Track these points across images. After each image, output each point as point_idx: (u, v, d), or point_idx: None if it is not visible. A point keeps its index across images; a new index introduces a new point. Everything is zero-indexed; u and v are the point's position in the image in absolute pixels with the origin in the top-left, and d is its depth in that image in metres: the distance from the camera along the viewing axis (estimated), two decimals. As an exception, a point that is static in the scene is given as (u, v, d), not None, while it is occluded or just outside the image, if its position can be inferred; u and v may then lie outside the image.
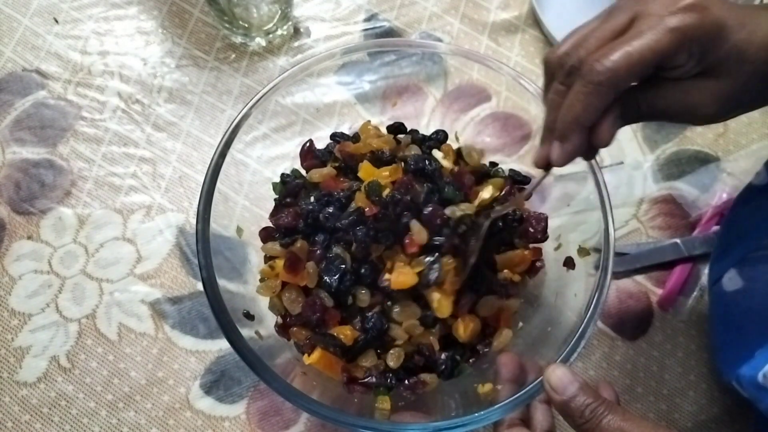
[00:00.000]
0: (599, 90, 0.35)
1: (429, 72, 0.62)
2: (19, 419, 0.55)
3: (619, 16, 0.37)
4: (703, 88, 0.37)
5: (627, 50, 0.34)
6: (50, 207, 0.62)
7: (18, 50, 0.68)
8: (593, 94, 0.35)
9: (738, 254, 0.48)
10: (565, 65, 0.37)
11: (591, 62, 0.35)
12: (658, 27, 0.34)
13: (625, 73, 0.34)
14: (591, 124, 0.37)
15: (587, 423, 0.37)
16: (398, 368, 0.48)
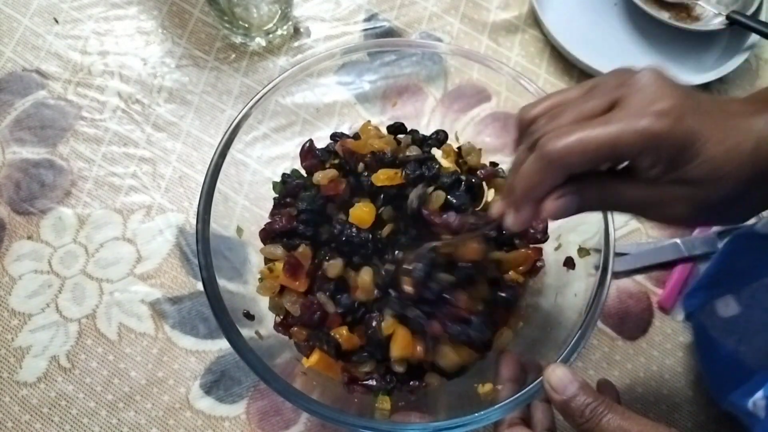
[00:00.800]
0: (549, 168, 0.34)
1: (429, 72, 0.62)
2: (19, 419, 0.55)
3: (599, 97, 0.34)
4: (675, 193, 0.34)
5: (585, 137, 0.32)
6: (50, 207, 0.62)
7: (18, 50, 0.68)
8: (543, 170, 0.34)
9: (734, 284, 0.46)
10: (532, 132, 0.36)
11: (547, 138, 0.33)
12: (626, 124, 0.32)
13: (578, 159, 0.33)
14: (540, 198, 0.35)
15: (587, 422, 0.37)
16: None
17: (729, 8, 0.70)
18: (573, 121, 0.34)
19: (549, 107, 0.36)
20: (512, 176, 0.37)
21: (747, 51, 0.69)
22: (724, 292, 0.47)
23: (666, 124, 0.32)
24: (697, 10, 0.72)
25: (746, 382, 0.41)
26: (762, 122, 0.33)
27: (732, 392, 0.43)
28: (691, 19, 0.72)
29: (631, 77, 0.34)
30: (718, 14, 0.70)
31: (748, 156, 0.32)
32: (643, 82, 0.33)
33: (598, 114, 0.34)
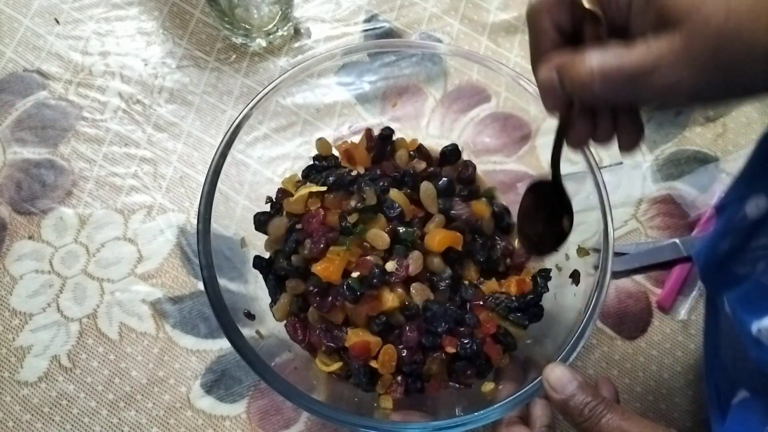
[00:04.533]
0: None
1: (429, 73, 0.62)
2: (20, 419, 0.55)
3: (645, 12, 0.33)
4: (663, 47, 0.31)
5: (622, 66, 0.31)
6: (51, 207, 0.62)
7: (19, 51, 0.68)
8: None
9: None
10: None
11: (583, 63, 0.33)
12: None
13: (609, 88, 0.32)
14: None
15: (586, 422, 0.37)
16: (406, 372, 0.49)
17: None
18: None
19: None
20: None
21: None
22: (758, 191, 0.42)
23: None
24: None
25: (757, 301, 0.39)
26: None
27: (727, 290, 0.41)
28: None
29: None
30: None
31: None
32: None
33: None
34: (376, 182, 0.51)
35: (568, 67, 0.33)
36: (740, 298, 0.41)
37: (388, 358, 0.48)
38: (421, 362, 0.48)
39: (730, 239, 0.43)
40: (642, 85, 0.31)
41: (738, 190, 0.43)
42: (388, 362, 0.47)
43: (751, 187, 0.42)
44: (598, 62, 0.31)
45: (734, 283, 0.42)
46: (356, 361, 0.47)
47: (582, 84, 0.32)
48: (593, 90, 0.32)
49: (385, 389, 0.49)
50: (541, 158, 0.58)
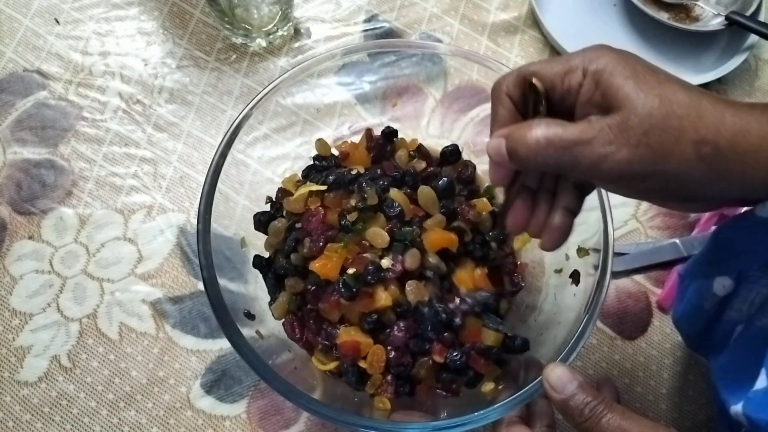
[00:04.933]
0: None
1: (429, 73, 0.62)
2: (21, 419, 0.55)
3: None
4: (602, 126, 0.35)
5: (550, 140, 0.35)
6: (51, 207, 0.62)
7: (19, 51, 0.68)
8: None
9: (731, 267, 0.46)
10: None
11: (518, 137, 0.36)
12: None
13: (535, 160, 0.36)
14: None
15: (587, 422, 0.37)
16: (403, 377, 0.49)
17: (728, 9, 0.70)
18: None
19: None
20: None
21: (746, 51, 0.69)
22: (722, 273, 0.45)
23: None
24: (696, 10, 0.72)
25: (733, 378, 0.41)
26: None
27: (718, 380, 0.42)
28: (690, 20, 0.72)
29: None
30: (717, 15, 0.70)
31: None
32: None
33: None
34: (377, 181, 0.51)
35: (516, 134, 0.36)
36: (721, 371, 0.42)
37: (377, 358, 0.48)
38: (409, 365, 0.48)
39: (705, 312, 0.45)
40: (580, 153, 0.34)
41: (703, 269, 0.46)
42: (376, 363, 0.47)
43: (715, 269, 0.44)
44: (543, 131, 0.35)
45: (717, 351, 0.44)
46: (345, 360, 0.47)
47: (526, 148, 0.35)
48: (536, 156, 0.35)
49: (374, 389, 0.48)
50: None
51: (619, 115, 0.33)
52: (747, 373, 0.37)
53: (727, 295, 0.43)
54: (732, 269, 0.42)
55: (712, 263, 0.44)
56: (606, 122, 0.34)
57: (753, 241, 0.40)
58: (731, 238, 0.43)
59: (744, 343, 0.41)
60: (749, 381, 0.37)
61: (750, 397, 0.36)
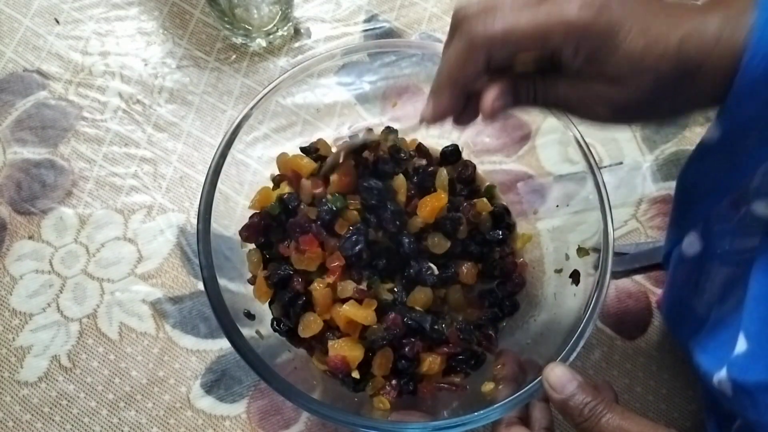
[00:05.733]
0: (470, 49, 0.34)
1: (429, 73, 0.62)
2: (20, 419, 0.55)
3: None
4: (595, 91, 0.35)
5: (509, 21, 0.33)
6: (51, 207, 0.62)
7: (19, 51, 0.68)
8: (466, 52, 0.35)
9: (696, 216, 0.44)
10: (462, 23, 0.36)
11: (473, 21, 0.34)
12: (550, 12, 0.33)
13: (500, 43, 0.34)
14: (463, 86, 0.37)
15: (586, 422, 0.37)
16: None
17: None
18: (502, 9, 0.34)
19: (484, 5, 0.36)
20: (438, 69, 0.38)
21: (746, 52, 0.69)
22: (689, 228, 0.45)
23: (589, 13, 0.32)
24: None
25: (711, 352, 0.41)
26: (691, 21, 0.32)
27: (700, 356, 0.42)
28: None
29: None
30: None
31: (671, 51, 0.32)
32: None
33: (530, 5, 0.34)
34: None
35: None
36: (702, 346, 0.42)
37: (385, 361, 0.48)
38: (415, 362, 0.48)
39: (681, 283, 0.45)
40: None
41: (673, 235, 0.46)
42: (384, 365, 0.48)
43: (681, 229, 0.44)
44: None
45: (697, 329, 0.43)
46: (336, 373, 0.48)
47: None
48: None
49: (375, 391, 0.49)
50: (541, 158, 0.58)
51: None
52: (726, 341, 0.37)
53: (698, 256, 0.42)
54: (698, 216, 0.42)
55: (678, 223, 0.44)
56: (602, 91, 0.34)
57: (711, 177, 0.40)
58: (692, 183, 0.42)
59: (719, 312, 0.41)
60: (730, 349, 0.36)
61: (732, 361, 0.36)
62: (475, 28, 0.34)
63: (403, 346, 0.48)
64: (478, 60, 0.35)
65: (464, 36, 0.35)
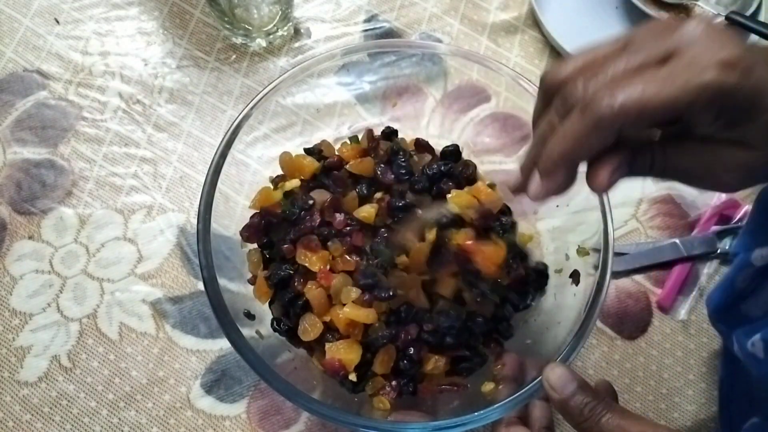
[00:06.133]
0: (599, 127, 0.30)
1: (429, 73, 0.62)
2: (20, 419, 0.55)
3: (645, 50, 0.31)
4: (729, 156, 0.32)
5: (644, 92, 0.29)
6: (51, 207, 0.62)
7: (19, 51, 0.68)
8: (591, 130, 0.30)
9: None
10: (569, 96, 0.32)
11: (598, 94, 0.30)
12: (689, 77, 0.28)
13: (635, 117, 0.29)
14: (580, 162, 0.33)
15: (586, 422, 0.37)
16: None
17: (728, 9, 0.70)
18: (622, 77, 0.30)
19: (582, 67, 0.32)
20: (535, 148, 0.34)
21: (746, 52, 0.69)
22: (762, 244, 0.43)
23: (734, 76, 0.28)
24: (696, 10, 0.72)
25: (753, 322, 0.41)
26: None
27: (738, 328, 0.42)
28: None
29: (678, 27, 0.31)
30: (717, 15, 0.70)
31: None
32: (696, 32, 0.30)
33: (650, 68, 0.30)
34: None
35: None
36: (745, 330, 0.42)
37: (387, 358, 0.48)
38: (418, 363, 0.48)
39: (740, 284, 0.45)
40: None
41: (745, 241, 0.45)
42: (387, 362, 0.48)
43: (755, 240, 0.44)
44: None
45: (744, 323, 0.43)
46: (333, 376, 0.48)
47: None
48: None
49: (375, 391, 0.49)
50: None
51: None
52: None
53: (764, 267, 0.42)
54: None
55: (753, 232, 0.44)
56: (736, 156, 0.31)
57: None
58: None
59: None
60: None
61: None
62: (599, 103, 0.29)
63: (408, 347, 0.48)
64: (606, 139, 0.31)
65: (593, 115, 0.30)
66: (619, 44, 0.32)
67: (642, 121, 0.30)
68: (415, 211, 0.51)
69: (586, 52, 0.33)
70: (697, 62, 0.29)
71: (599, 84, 0.31)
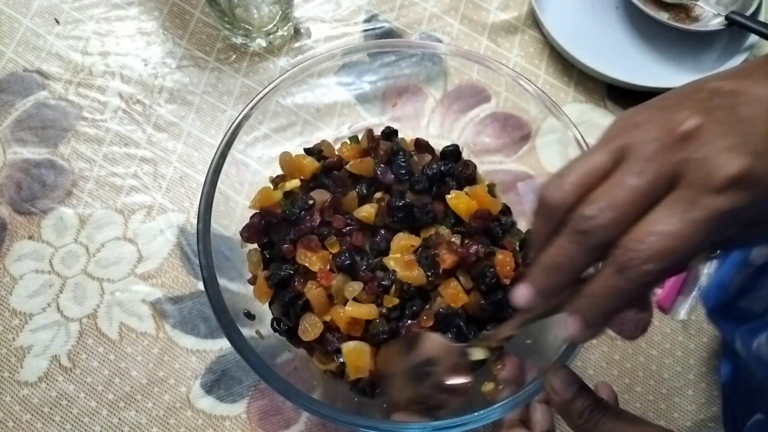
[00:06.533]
0: (639, 288, 0.29)
1: (429, 73, 0.62)
2: (20, 419, 0.55)
3: (645, 170, 0.29)
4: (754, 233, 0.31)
5: (673, 246, 0.27)
6: (51, 207, 0.62)
7: (19, 51, 0.68)
8: (631, 291, 0.29)
9: None
10: (589, 234, 0.30)
11: (629, 259, 0.28)
12: (703, 211, 0.27)
13: (669, 269, 0.28)
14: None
15: (585, 424, 0.37)
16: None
17: (728, 9, 0.70)
18: (631, 209, 0.29)
19: (582, 185, 0.31)
20: (549, 274, 0.32)
21: (746, 51, 0.69)
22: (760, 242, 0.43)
23: (745, 197, 0.27)
24: (696, 10, 0.72)
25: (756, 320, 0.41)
26: None
27: (740, 326, 0.42)
28: (690, 20, 0.72)
29: (680, 139, 0.29)
30: (717, 15, 0.70)
31: None
32: (700, 150, 0.28)
33: (658, 195, 0.29)
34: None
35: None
36: (749, 329, 0.42)
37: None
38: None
39: (739, 281, 0.45)
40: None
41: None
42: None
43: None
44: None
45: (745, 320, 0.43)
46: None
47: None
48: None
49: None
50: (541, 158, 0.58)
51: None
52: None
53: (764, 264, 0.42)
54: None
55: None
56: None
57: None
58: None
59: None
60: None
61: None
62: (635, 268, 0.28)
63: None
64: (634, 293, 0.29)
65: (626, 275, 0.28)
66: (611, 153, 0.31)
67: (680, 263, 0.29)
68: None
69: (580, 164, 0.31)
70: (701, 193, 0.28)
71: (612, 213, 0.29)
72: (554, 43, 0.70)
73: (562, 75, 0.71)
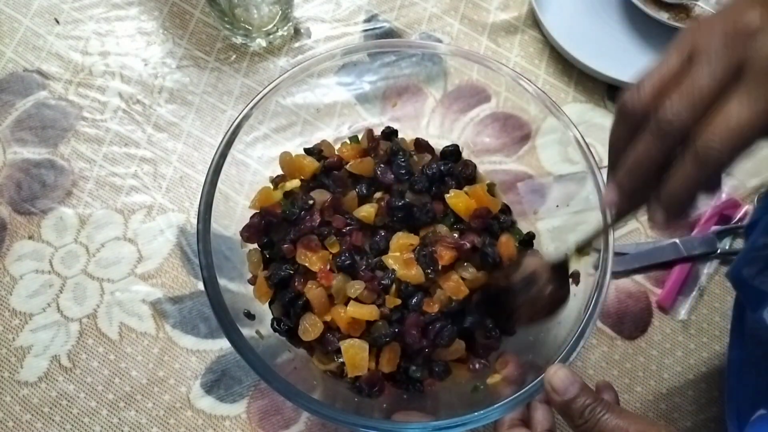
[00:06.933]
0: (717, 170, 0.32)
1: (429, 73, 0.62)
2: (21, 419, 0.55)
3: (714, 63, 0.32)
4: None
5: (743, 121, 0.30)
6: (51, 207, 0.62)
7: (19, 51, 0.68)
8: (711, 172, 0.32)
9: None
10: (667, 128, 0.33)
11: (705, 143, 0.31)
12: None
13: (742, 148, 0.31)
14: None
15: (586, 423, 0.37)
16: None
17: (728, 9, 0.70)
18: (705, 101, 0.31)
19: (660, 89, 0.33)
20: (630, 173, 0.36)
21: (746, 52, 0.69)
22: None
23: None
24: (696, 10, 0.72)
25: None
26: None
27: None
28: (690, 20, 0.72)
29: (743, 34, 0.31)
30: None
31: None
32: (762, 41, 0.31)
33: (727, 84, 0.31)
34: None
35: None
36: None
37: (393, 356, 0.48)
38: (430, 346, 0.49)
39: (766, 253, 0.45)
40: None
41: (765, 206, 0.45)
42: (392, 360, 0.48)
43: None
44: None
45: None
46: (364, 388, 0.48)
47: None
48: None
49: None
50: (541, 158, 0.58)
51: None
52: None
53: None
54: None
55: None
56: None
57: None
58: None
59: None
60: None
61: None
62: (710, 154, 0.31)
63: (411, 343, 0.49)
64: (713, 180, 0.34)
65: (703, 162, 0.32)
66: (684, 55, 0.33)
67: (748, 146, 0.32)
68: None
69: (655, 71, 0.34)
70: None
71: (690, 109, 0.32)
72: (554, 43, 0.70)
73: (562, 75, 0.71)
